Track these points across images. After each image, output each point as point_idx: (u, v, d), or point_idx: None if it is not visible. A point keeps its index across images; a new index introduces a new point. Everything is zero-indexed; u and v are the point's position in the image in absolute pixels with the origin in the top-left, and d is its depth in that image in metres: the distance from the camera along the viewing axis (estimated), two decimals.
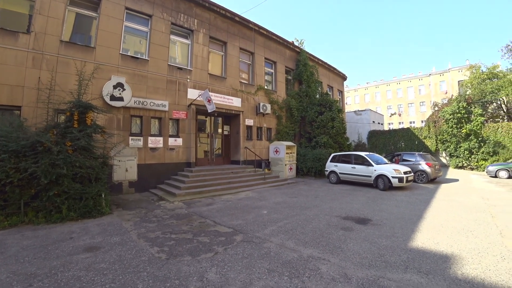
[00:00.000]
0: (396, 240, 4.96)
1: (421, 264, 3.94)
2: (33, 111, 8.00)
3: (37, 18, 8.47)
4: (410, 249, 4.56)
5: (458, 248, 4.58)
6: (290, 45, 17.88)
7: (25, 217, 5.98)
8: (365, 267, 3.85)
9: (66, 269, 3.78)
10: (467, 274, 3.64)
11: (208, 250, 4.54)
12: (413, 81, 48.97)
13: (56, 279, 3.49)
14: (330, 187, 11.77)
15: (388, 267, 3.86)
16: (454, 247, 4.61)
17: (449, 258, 4.19)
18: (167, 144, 11.09)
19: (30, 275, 3.61)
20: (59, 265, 3.91)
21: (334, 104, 17.61)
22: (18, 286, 3.35)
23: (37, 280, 3.48)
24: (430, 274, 3.64)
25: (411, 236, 5.21)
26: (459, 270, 3.77)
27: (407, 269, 3.78)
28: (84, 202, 6.48)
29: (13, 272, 3.71)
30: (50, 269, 3.78)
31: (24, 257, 4.20)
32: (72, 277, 3.56)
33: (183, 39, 12.34)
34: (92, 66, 8.68)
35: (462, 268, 3.83)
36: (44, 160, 5.97)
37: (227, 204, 8.26)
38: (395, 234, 5.31)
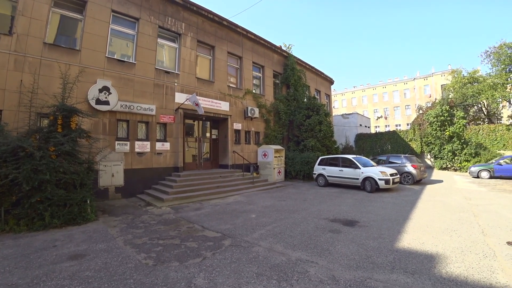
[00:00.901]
0: (383, 241, 5.06)
1: (407, 264, 4.03)
2: (14, 115, 7.75)
3: (19, 20, 8.25)
4: (397, 249, 4.66)
5: (442, 247, 4.72)
6: (278, 49, 18.06)
7: (5, 225, 5.78)
8: (353, 269, 3.91)
9: (49, 278, 3.67)
10: (451, 273, 3.75)
11: (196, 255, 4.50)
12: (399, 85, 50.35)
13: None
14: (318, 190, 11.88)
15: (375, 268, 3.94)
16: (438, 247, 4.74)
17: (434, 257, 4.30)
18: (154, 149, 10.95)
19: (11, 286, 3.48)
20: (41, 274, 3.79)
21: (321, 108, 17.86)
22: None
23: None
24: (416, 274, 3.72)
25: (397, 237, 5.32)
26: (443, 269, 3.88)
27: (393, 270, 3.86)
28: (68, 208, 6.30)
29: None
30: (32, 279, 3.66)
31: (4, 267, 4.05)
32: (56, 286, 3.46)
33: (170, 42, 12.27)
34: (77, 69, 8.54)
35: (447, 267, 3.94)
36: (26, 165, 5.78)
37: (215, 208, 8.23)
38: (382, 235, 5.41)
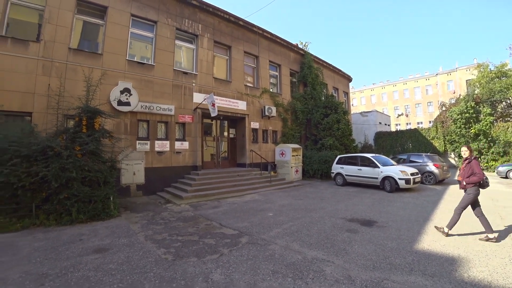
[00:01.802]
0: (402, 242, 4.93)
1: (427, 266, 3.91)
2: (43, 117, 8.22)
3: (46, 27, 8.73)
4: (416, 251, 4.52)
5: (465, 250, 4.53)
6: (294, 47, 17.96)
7: (36, 220, 6.14)
8: (369, 269, 3.85)
9: (76, 270, 3.89)
10: (474, 277, 3.59)
11: (213, 251, 4.59)
12: (420, 81, 48.39)
13: (66, 279, 3.60)
14: (336, 189, 11.73)
15: (393, 269, 3.85)
16: (461, 249, 4.55)
17: (456, 260, 4.14)
18: (173, 148, 11.23)
19: (41, 275, 3.72)
20: (69, 266, 4.02)
21: (339, 106, 17.58)
22: (31, 285, 3.46)
23: (48, 279, 3.60)
24: (435, 277, 3.60)
25: (417, 238, 5.16)
26: (465, 272, 3.72)
27: (412, 271, 3.76)
28: (93, 205, 6.62)
29: (26, 272, 3.83)
30: (61, 270, 3.89)
31: (36, 258, 4.33)
32: (82, 277, 3.66)
33: (188, 44, 12.52)
34: (100, 72, 8.91)
35: (469, 270, 3.77)
36: (54, 164, 6.14)
37: (233, 206, 8.32)
38: (400, 236, 5.27)
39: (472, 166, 5.03)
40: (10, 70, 8.09)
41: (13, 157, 5.94)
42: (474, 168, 4.98)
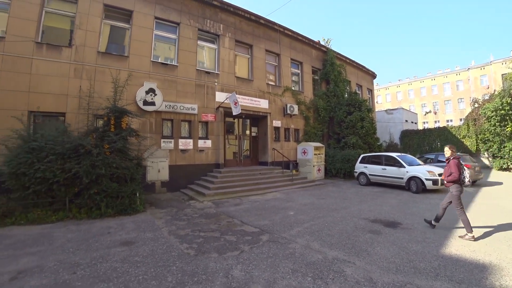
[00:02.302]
0: (427, 246, 4.71)
1: (454, 272, 3.70)
2: (75, 117, 8.73)
3: (77, 33, 9.26)
4: (443, 255, 4.30)
5: (497, 257, 4.22)
6: (316, 44, 17.71)
7: (69, 213, 6.57)
8: (392, 272, 3.72)
9: (105, 260, 4.11)
10: (506, 286, 3.35)
11: (234, 248, 4.66)
12: (450, 77, 45.53)
13: (95, 269, 3.82)
14: (359, 189, 11.46)
15: (417, 273, 3.69)
16: (492, 256, 4.26)
17: (486, 267, 3.88)
18: (196, 146, 11.48)
19: (73, 264, 3.98)
20: (98, 256, 4.26)
21: (363, 104, 17.12)
22: (64, 273, 3.72)
23: (80, 268, 3.84)
24: (463, 283, 3.40)
25: (444, 242, 4.91)
26: (497, 281, 3.47)
27: (437, 277, 3.58)
28: (120, 200, 6.95)
29: (60, 260, 4.12)
30: (91, 260, 4.13)
31: (69, 248, 4.64)
32: (110, 267, 3.87)
33: (210, 44, 12.73)
34: (126, 74, 9.29)
35: (501, 279, 3.52)
36: (85, 161, 6.51)
37: (254, 204, 8.37)
38: (426, 239, 5.04)
39: (450, 166, 5.43)
40: (46, 74, 8.67)
41: (49, 154, 6.37)
42: (451, 168, 5.36)
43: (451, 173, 5.35)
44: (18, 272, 3.74)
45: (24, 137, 6.67)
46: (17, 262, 4.05)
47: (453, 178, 5.27)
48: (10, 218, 6.08)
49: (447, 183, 5.47)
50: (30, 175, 6.17)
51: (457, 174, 5.25)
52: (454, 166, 5.33)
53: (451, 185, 5.39)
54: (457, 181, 5.30)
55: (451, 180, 5.33)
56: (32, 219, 6.14)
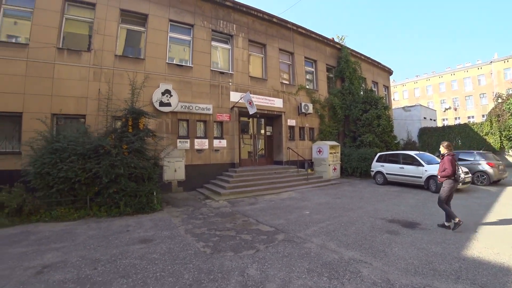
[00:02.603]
0: (448, 247, 4.53)
1: (476, 276, 3.54)
2: (94, 118, 9.02)
3: (95, 37, 9.58)
4: (464, 258, 4.13)
5: None
6: (330, 42, 17.47)
7: (90, 211, 6.83)
8: (410, 274, 3.62)
9: (124, 257, 4.24)
10: None
11: (250, 247, 4.67)
12: (471, 71, 43.36)
13: (115, 265, 3.95)
14: (376, 188, 11.23)
15: (437, 275, 3.56)
16: None
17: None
18: (212, 146, 11.61)
19: (95, 260, 4.13)
20: (118, 253, 4.40)
21: (379, 101, 16.75)
22: (86, 268, 3.87)
23: (100, 264, 3.98)
24: (486, 287, 3.30)
25: (465, 244, 4.71)
26: None
27: (458, 280, 3.44)
28: (138, 199, 7.14)
29: (82, 256, 4.28)
30: (111, 256, 4.27)
31: (90, 245, 4.81)
32: (129, 264, 3.98)
33: (223, 44, 12.83)
34: (143, 76, 9.53)
35: None
36: (105, 161, 6.74)
37: (269, 203, 8.37)
38: (446, 241, 4.85)
39: (444, 162, 5.67)
40: (67, 78, 9.02)
41: (71, 155, 6.64)
42: (445, 164, 5.60)
43: (445, 169, 5.60)
44: (44, 266, 3.92)
45: (47, 139, 7.00)
46: (42, 257, 4.25)
47: (446, 173, 5.54)
48: (36, 215, 6.40)
49: (441, 178, 5.74)
50: (53, 175, 6.48)
51: (450, 169, 5.49)
52: (448, 162, 5.57)
53: (444, 180, 5.66)
54: (450, 177, 5.55)
55: (444, 175, 5.61)
56: (55, 217, 6.44)
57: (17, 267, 3.91)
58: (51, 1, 9.02)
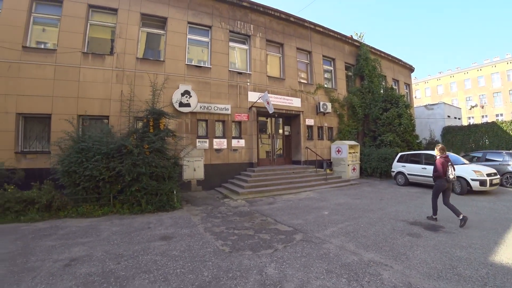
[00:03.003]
0: (474, 252, 4.31)
1: (505, 283, 3.34)
2: (117, 119, 9.36)
3: (117, 41, 9.95)
4: (491, 263, 3.91)
5: None
6: (348, 39, 17.14)
7: (113, 208, 7.09)
8: (433, 278, 3.48)
9: (145, 253, 4.37)
10: None
11: (268, 246, 4.67)
12: (499, 66, 40.71)
13: (137, 260, 4.08)
14: (397, 189, 10.91)
15: (461, 281, 3.40)
16: None
17: None
18: (230, 145, 11.72)
19: (118, 255, 4.28)
20: (139, 249, 4.54)
21: (400, 99, 16.23)
22: (110, 262, 4.03)
23: (123, 259, 4.12)
24: None
25: (493, 249, 4.46)
26: None
27: (485, 286, 3.26)
28: (159, 197, 7.33)
29: (106, 251, 4.46)
30: (133, 252, 4.42)
31: (113, 240, 5.00)
32: (150, 260, 4.10)
33: (241, 44, 12.91)
34: (163, 77, 9.79)
35: None
36: (127, 160, 6.97)
37: (288, 203, 8.34)
38: (472, 245, 4.61)
39: (436, 163, 6.31)
40: (92, 81, 9.43)
41: (95, 154, 6.91)
42: (437, 165, 6.24)
43: (436, 170, 6.26)
44: (71, 259, 4.12)
45: (74, 139, 7.32)
46: (70, 251, 4.47)
47: (437, 174, 6.22)
48: (63, 211, 6.74)
49: (434, 178, 6.40)
50: (80, 173, 6.78)
51: (440, 171, 6.13)
52: (439, 164, 6.19)
53: (437, 180, 6.31)
54: (441, 177, 6.16)
55: (436, 176, 6.28)
56: (81, 213, 6.75)
57: (47, 259, 4.13)
58: (77, 8, 9.46)
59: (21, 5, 8.90)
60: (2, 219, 6.21)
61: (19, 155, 8.57)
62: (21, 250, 4.48)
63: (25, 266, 3.89)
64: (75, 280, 3.46)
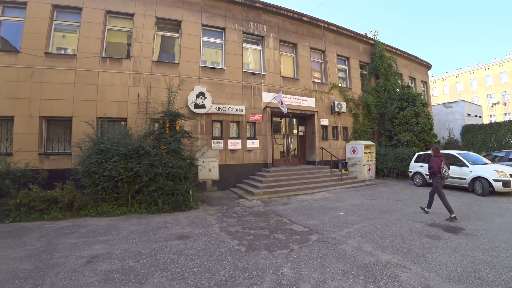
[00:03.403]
0: (497, 256, 4.14)
1: None
2: (134, 121, 9.60)
3: (134, 45, 10.22)
4: None
5: None
6: (363, 38, 16.86)
7: (131, 208, 7.29)
8: (454, 282, 3.37)
9: (163, 252, 4.46)
10: None
11: (283, 246, 4.68)
12: None
13: (156, 259, 4.17)
14: (414, 190, 10.63)
15: (484, 285, 3.27)
16: None
17: None
18: (245, 146, 11.78)
19: (137, 253, 4.40)
20: (157, 248, 4.64)
21: (417, 98, 15.77)
22: (129, 260, 4.14)
23: (142, 257, 4.23)
24: None
25: None
26: None
27: None
28: (175, 197, 7.47)
29: (125, 249, 4.59)
30: (151, 250, 4.52)
31: (132, 239, 5.14)
32: (168, 258, 4.19)
33: (254, 45, 12.96)
34: (178, 80, 9.95)
35: None
36: (145, 161, 7.14)
37: (302, 204, 8.30)
38: (495, 248, 4.44)
39: (430, 161, 6.68)
40: (110, 84, 9.72)
41: (114, 155, 7.13)
42: (432, 163, 6.62)
43: (431, 167, 6.59)
44: (92, 257, 4.27)
45: (94, 140, 7.57)
46: (91, 248, 4.63)
47: (432, 171, 6.55)
48: (84, 210, 6.99)
49: (430, 175, 6.77)
50: (99, 173, 7.02)
51: (436, 168, 6.48)
52: (433, 161, 6.57)
53: (433, 178, 6.67)
54: (436, 174, 6.53)
55: (431, 173, 6.63)
56: (101, 212, 6.98)
57: (70, 256, 4.30)
58: (95, 14, 9.80)
59: (43, 14, 9.30)
60: (27, 217, 6.51)
61: (42, 156, 8.95)
62: (45, 247, 4.69)
63: (50, 262, 4.06)
64: (97, 277, 3.58)
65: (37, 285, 3.36)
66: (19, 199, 6.65)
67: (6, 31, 9.38)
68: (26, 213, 6.61)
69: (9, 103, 8.76)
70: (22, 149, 8.53)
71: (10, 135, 8.93)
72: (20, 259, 4.18)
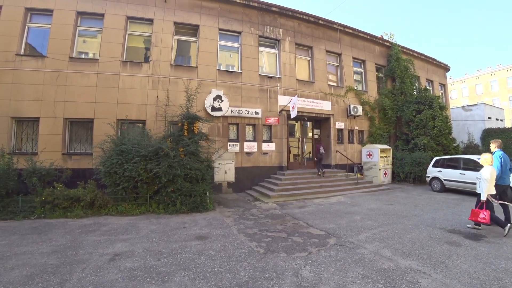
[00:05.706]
0: None
1: None
2: (153, 123, 9.84)
3: (153, 50, 10.50)
4: None
5: None
6: (379, 40, 16.63)
7: (150, 208, 7.46)
8: None
9: (183, 251, 4.55)
10: None
11: (302, 249, 4.67)
12: None
13: (176, 258, 4.26)
14: (432, 195, 10.38)
15: None
16: None
17: None
18: (261, 149, 11.84)
19: (157, 252, 4.50)
20: (177, 248, 4.73)
21: (435, 100, 15.38)
22: (150, 259, 4.24)
23: (163, 256, 4.32)
24: None
25: None
26: None
27: None
28: (193, 198, 7.58)
29: (146, 248, 4.70)
30: (171, 250, 4.61)
31: (152, 238, 5.25)
32: (188, 258, 4.26)
33: (270, 49, 13.04)
34: (196, 83, 10.14)
35: None
36: (164, 162, 7.29)
37: (318, 207, 8.25)
38: None
39: None
40: (130, 87, 10.01)
41: (134, 156, 7.32)
42: None
43: None
44: (115, 254, 4.40)
45: (115, 141, 7.79)
46: (113, 246, 4.77)
47: None
48: (105, 209, 7.20)
49: None
50: (120, 174, 7.22)
51: None
52: None
53: None
54: None
55: None
56: (121, 211, 7.17)
57: (94, 253, 4.45)
58: (116, 20, 10.16)
59: (68, 20, 9.73)
60: (52, 214, 6.78)
61: (65, 156, 9.29)
62: (70, 244, 4.86)
63: (75, 258, 4.22)
64: (121, 274, 3.69)
65: (65, 280, 3.50)
66: (44, 197, 6.93)
67: (33, 37, 9.85)
68: (50, 210, 6.87)
69: (36, 105, 9.18)
70: (46, 149, 8.89)
71: (35, 135, 9.34)
72: (47, 254, 4.36)
